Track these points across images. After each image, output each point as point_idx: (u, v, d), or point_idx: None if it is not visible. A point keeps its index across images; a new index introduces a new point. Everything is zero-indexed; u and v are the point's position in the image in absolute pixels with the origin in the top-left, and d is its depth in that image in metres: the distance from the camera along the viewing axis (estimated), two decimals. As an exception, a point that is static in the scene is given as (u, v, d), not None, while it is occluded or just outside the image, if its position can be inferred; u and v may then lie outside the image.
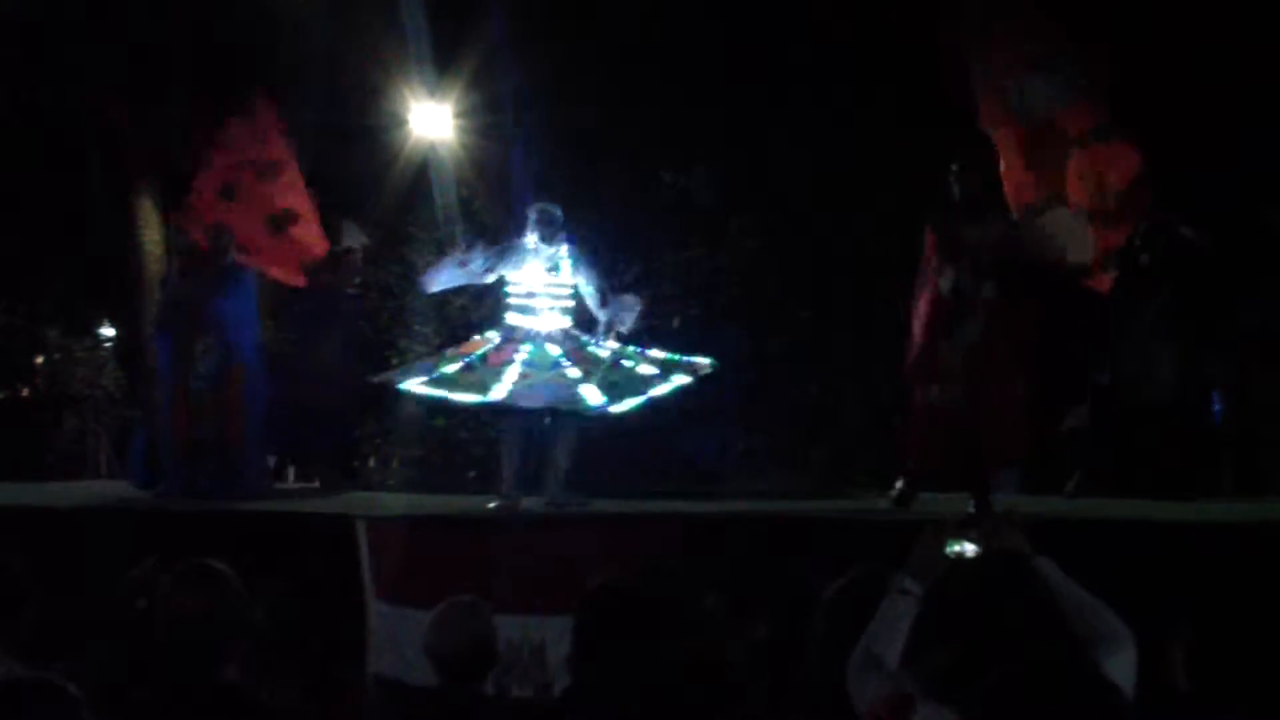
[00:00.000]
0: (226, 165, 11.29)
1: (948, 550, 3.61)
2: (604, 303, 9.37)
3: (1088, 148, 9.37)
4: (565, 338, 9.28)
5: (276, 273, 11.50)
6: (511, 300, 9.46)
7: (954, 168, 8.80)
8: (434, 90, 15.86)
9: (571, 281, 9.43)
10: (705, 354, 9.49)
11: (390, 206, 16.89)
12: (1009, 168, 9.45)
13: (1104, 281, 9.56)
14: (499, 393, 8.93)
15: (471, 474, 15.75)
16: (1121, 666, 3.23)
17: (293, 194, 11.36)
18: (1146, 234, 9.55)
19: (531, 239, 9.49)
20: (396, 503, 10.59)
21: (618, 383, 8.96)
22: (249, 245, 11.00)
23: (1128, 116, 9.59)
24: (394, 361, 16.98)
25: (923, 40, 13.36)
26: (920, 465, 8.70)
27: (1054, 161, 9.41)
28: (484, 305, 17.02)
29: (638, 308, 9.45)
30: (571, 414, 9.07)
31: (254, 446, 10.36)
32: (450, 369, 9.21)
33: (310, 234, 11.34)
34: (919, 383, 8.62)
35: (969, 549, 3.61)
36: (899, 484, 8.71)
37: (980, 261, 8.44)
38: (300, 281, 11.42)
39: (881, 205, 14.34)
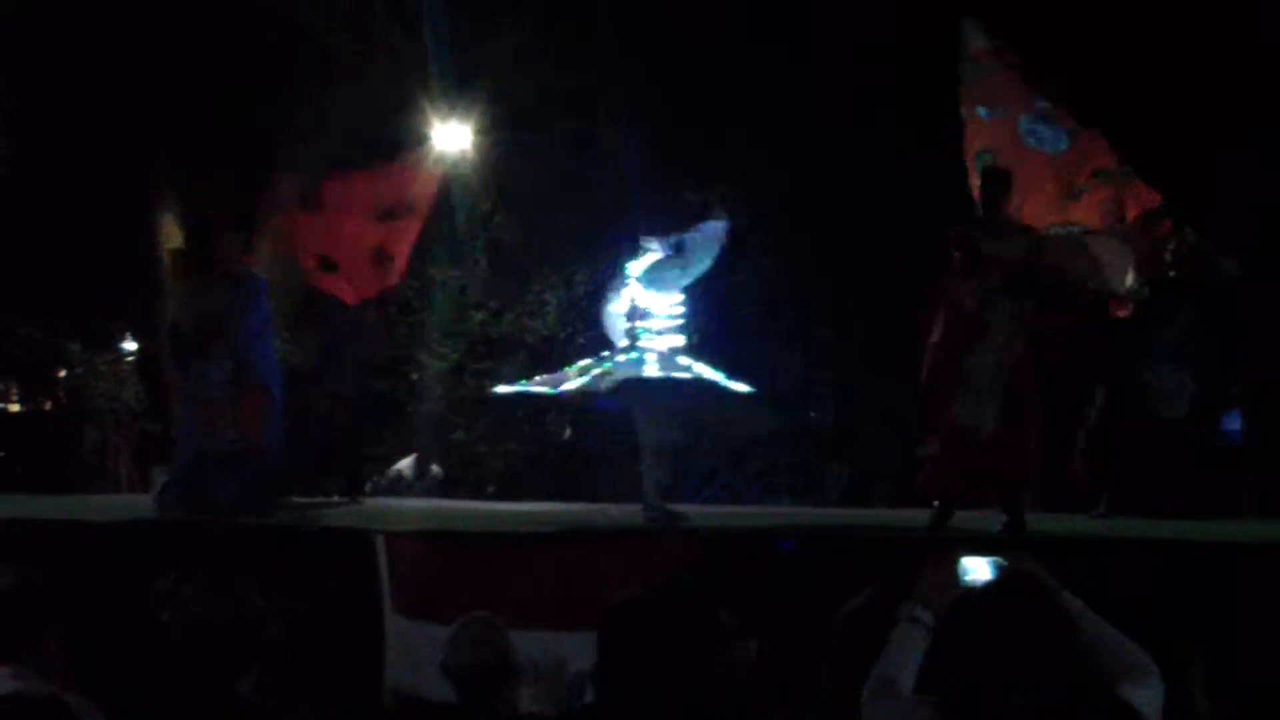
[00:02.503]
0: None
1: (959, 577, 3.60)
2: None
3: (1096, 187, 9.43)
4: (664, 360, 9.12)
5: (344, 290, 11.53)
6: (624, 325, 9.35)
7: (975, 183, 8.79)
8: (455, 107, 15.90)
9: (661, 302, 9.29)
10: (723, 371, 9.41)
11: (411, 221, 16.92)
12: (1031, 190, 9.46)
13: (1118, 308, 9.56)
14: (571, 384, 8.92)
15: (491, 488, 15.78)
16: (1148, 699, 3.23)
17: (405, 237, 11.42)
18: (1178, 254, 9.55)
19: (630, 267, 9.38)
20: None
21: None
22: (337, 259, 11.08)
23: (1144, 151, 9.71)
24: (414, 376, 17.06)
25: (943, 61, 13.42)
26: (943, 489, 8.58)
27: (1067, 191, 9.47)
28: (502, 322, 17.10)
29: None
30: (653, 420, 8.96)
31: (269, 460, 10.21)
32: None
33: (398, 268, 11.43)
34: (939, 400, 8.52)
35: (981, 573, 3.60)
36: (934, 508, 8.59)
37: (1001, 277, 8.38)
38: (354, 301, 11.48)
39: (901, 224, 14.35)
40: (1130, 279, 9.21)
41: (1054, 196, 9.59)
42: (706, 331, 14.36)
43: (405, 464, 14.14)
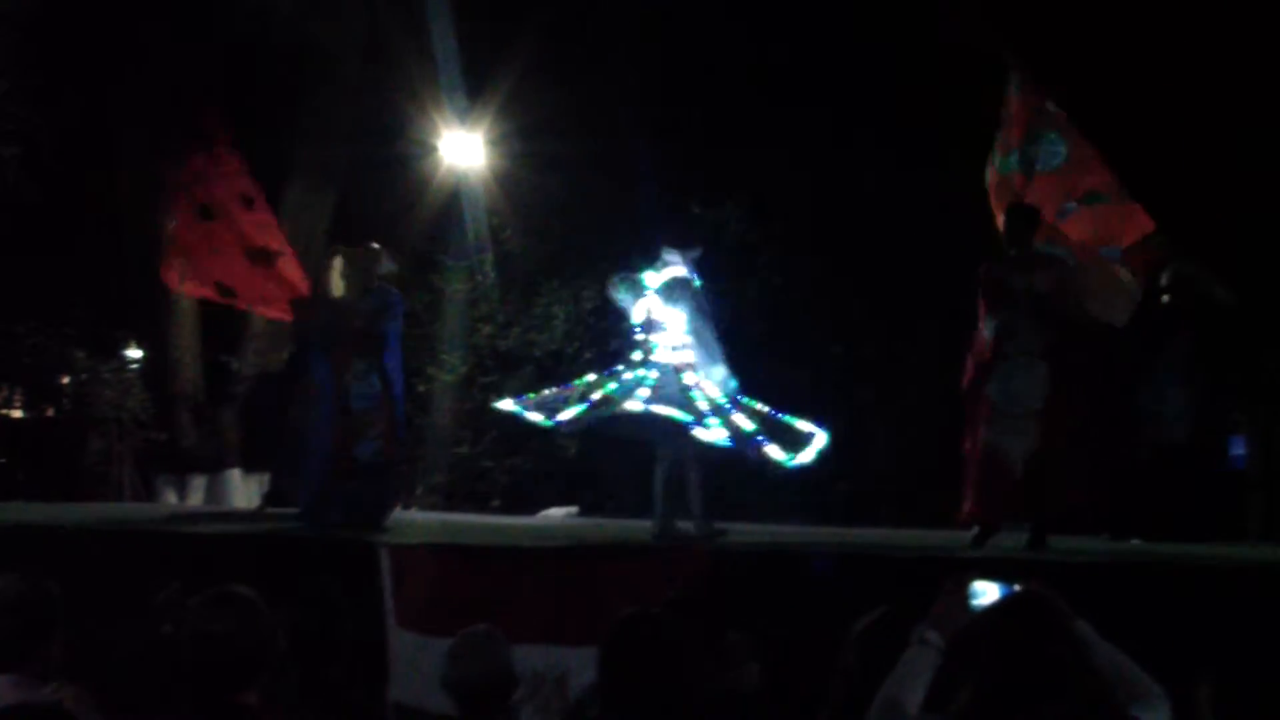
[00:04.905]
0: (198, 194, 11.21)
1: (971, 600, 3.58)
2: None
3: (1088, 208, 9.41)
4: (677, 374, 9.02)
5: (264, 310, 11.63)
6: (636, 336, 9.29)
7: (1003, 214, 8.81)
8: (465, 118, 15.91)
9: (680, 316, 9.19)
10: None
11: (420, 234, 16.94)
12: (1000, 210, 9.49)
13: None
14: (567, 414, 8.80)
15: (495, 502, 15.77)
16: None
17: (268, 232, 11.30)
18: (1173, 280, 9.57)
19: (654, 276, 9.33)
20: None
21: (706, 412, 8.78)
22: (231, 283, 11.11)
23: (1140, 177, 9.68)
24: (420, 389, 17.04)
25: (956, 81, 13.44)
26: (983, 510, 8.59)
27: (1056, 209, 9.47)
28: (510, 335, 17.09)
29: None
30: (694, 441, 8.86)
31: (400, 471, 10.28)
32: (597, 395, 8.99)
33: (293, 271, 11.28)
34: (971, 427, 8.55)
35: (993, 597, 3.58)
36: (974, 530, 8.62)
37: (1029, 307, 8.43)
38: (288, 318, 11.45)
39: (911, 244, 14.36)
40: (1127, 313, 9.23)
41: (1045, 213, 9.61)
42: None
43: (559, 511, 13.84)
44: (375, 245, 10.55)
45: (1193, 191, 11.16)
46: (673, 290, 9.15)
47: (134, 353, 16.87)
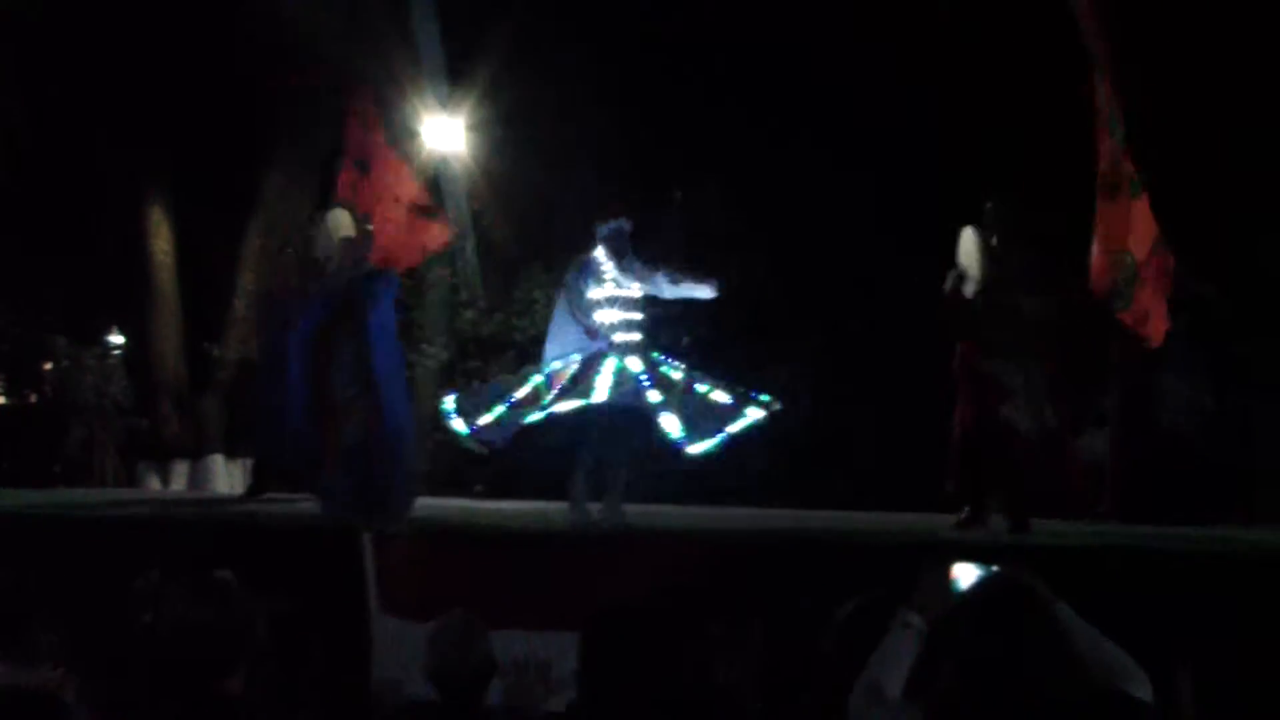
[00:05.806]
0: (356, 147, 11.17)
1: (954, 584, 3.59)
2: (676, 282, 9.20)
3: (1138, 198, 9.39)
4: (642, 355, 9.08)
5: (401, 255, 11.45)
6: (592, 316, 9.23)
7: (987, 205, 8.85)
8: (445, 103, 15.87)
9: (638, 294, 9.24)
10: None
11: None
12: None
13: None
14: (600, 395, 8.69)
15: (477, 488, 15.75)
16: None
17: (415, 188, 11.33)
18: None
19: (601, 256, 9.29)
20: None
21: (693, 416, 8.68)
22: (381, 223, 10.97)
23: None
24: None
25: (933, 70, 13.44)
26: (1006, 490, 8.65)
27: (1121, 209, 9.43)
28: (493, 321, 17.07)
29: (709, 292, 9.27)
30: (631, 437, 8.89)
31: (395, 461, 9.82)
32: (548, 397, 8.91)
33: (439, 225, 11.35)
34: (982, 410, 8.58)
35: (974, 578, 3.59)
36: (965, 511, 8.68)
37: (1004, 296, 8.50)
38: (414, 263, 11.53)
39: (893, 232, 14.36)
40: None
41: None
42: (697, 335, 14.38)
43: None
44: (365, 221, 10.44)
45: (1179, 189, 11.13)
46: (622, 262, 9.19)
47: (116, 338, 16.82)
